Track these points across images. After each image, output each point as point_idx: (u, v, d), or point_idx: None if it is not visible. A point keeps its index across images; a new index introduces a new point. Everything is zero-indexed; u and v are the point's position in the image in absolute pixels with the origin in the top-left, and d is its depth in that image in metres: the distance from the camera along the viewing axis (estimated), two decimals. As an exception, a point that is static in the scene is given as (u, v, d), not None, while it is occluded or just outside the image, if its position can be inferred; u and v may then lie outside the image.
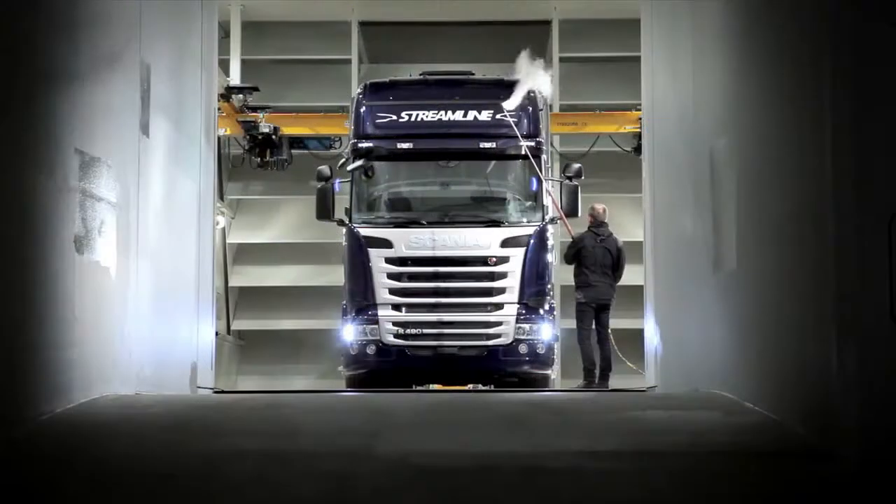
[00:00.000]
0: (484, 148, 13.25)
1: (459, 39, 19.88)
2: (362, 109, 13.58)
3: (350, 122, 14.09)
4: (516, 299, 13.03)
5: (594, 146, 18.95)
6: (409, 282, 13.10)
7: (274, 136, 18.86)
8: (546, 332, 13.16)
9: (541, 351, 13.06)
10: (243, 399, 10.10)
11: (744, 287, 7.91)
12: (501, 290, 13.05)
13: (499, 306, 13.06)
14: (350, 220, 13.35)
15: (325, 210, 13.43)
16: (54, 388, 7.28)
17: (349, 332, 13.19)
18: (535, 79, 13.49)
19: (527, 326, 13.05)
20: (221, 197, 18.43)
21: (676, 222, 10.50)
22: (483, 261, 13.07)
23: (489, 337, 13.02)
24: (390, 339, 13.01)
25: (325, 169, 13.59)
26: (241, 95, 18.54)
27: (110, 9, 8.64)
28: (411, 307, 13.07)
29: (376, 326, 13.03)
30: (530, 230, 13.14)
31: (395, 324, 13.03)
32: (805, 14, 6.55)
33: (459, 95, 13.60)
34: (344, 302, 13.53)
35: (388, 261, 13.08)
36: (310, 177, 14.47)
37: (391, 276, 13.07)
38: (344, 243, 13.58)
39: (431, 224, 13.19)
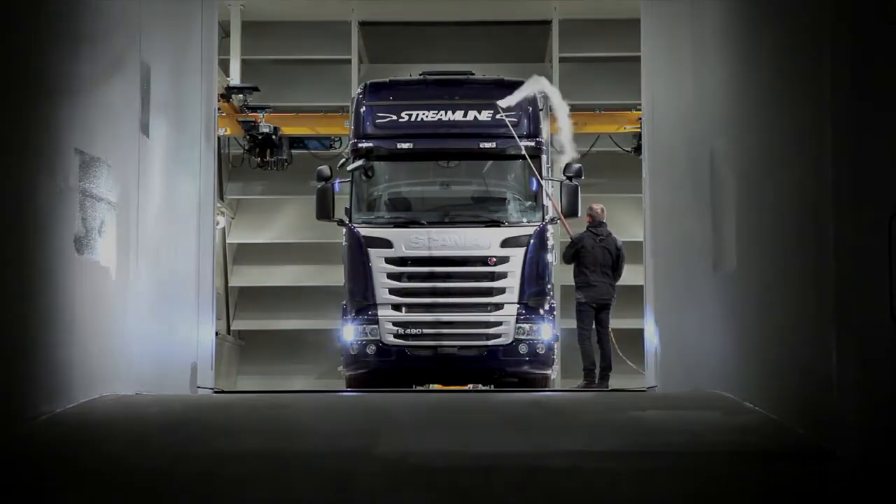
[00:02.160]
0: (484, 148, 13.27)
1: (459, 39, 19.89)
2: (362, 109, 13.59)
3: (350, 122, 14.10)
4: (516, 299, 13.05)
5: (594, 146, 18.96)
6: (408, 282, 13.11)
7: (274, 136, 18.88)
8: (546, 332, 13.17)
9: (541, 351, 13.07)
10: (243, 399, 10.10)
11: (744, 287, 7.91)
12: (501, 291, 13.06)
13: (499, 306, 13.07)
14: (350, 220, 13.36)
15: (324, 210, 13.43)
16: (54, 388, 7.28)
17: (349, 332, 13.20)
18: (539, 85, 13.58)
19: (526, 326, 13.06)
20: (221, 197, 18.44)
21: (676, 222, 10.52)
22: (483, 261, 13.09)
23: (489, 337, 13.03)
24: (390, 339, 13.02)
25: (324, 169, 13.58)
26: (241, 95, 18.55)
27: (110, 10, 8.64)
28: (411, 307, 13.07)
29: (376, 326, 13.04)
30: (530, 230, 13.15)
31: (395, 324, 13.04)
32: (805, 14, 6.56)
33: (459, 95, 13.62)
34: (344, 302, 13.53)
35: (388, 261, 13.09)
36: (310, 177, 14.48)
37: (391, 276, 13.08)
38: (344, 243, 13.58)
39: (431, 224, 13.20)
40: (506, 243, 13.08)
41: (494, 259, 13.08)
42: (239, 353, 20.32)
